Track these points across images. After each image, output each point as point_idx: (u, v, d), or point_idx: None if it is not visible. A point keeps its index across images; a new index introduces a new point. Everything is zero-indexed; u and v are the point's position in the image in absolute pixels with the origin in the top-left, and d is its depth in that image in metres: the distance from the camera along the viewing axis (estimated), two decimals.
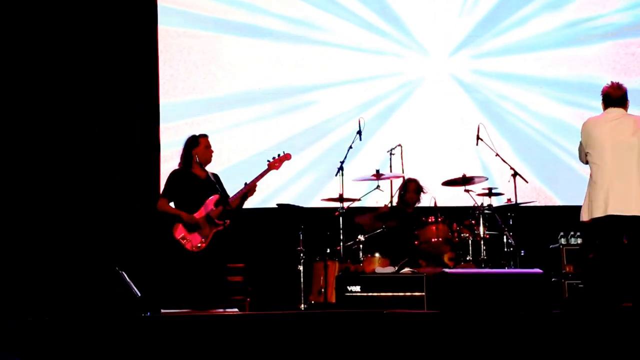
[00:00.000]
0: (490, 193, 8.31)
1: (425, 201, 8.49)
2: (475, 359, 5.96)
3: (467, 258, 8.05)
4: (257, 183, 7.31)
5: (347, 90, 9.46)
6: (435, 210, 8.20)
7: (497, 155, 8.25)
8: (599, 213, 6.24)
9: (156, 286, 7.42)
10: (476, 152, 8.98)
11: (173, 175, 7.44)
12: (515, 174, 8.18)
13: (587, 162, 6.46)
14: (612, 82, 6.55)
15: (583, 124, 6.49)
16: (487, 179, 8.38)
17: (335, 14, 9.45)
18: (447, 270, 6.96)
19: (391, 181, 8.26)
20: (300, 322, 6.13)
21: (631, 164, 6.26)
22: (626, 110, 6.48)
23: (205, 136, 7.54)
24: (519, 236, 8.14)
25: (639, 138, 6.29)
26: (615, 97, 6.47)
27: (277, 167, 7.37)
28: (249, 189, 7.29)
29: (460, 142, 9.27)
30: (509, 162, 8.31)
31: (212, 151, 7.51)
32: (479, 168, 9.10)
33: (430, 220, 8.13)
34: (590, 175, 6.40)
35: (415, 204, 8.49)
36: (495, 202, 8.39)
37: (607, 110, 6.49)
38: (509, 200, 8.29)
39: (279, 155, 7.40)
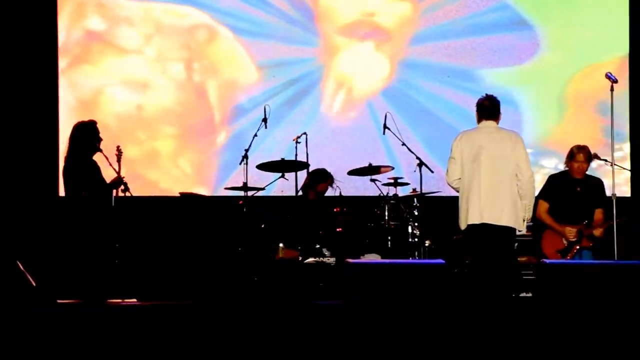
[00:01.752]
0: (396, 183, 8.41)
1: (330, 190, 8.52)
2: (376, 349, 6.24)
3: (372, 248, 8.17)
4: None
5: (254, 77, 9.54)
6: (340, 199, 8.31)
7: (403, 144, 8.37)
8: (474, 220, 6.60)
9: (53, 276, 7.56)
10: (383, 141, 9.07)
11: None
12: (421, 164, 8.29)
13: (456, 179, 6.72)
14: (486, 95, 6.80)
15: (456, 138, 6.75)
16: (393, 169, 8.47)
17: (245, 1, 9.58)
18: (350, 260, 7.07)
19: (296, 172, 8.27)
20: (194, 312, 6.39)
21: (504, 177, 6.58)
22: (498, 122, 6.77)
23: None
24: (424, 227, 8.29)
25: (513, 153, 6.60)
26: (489, 109, 6.74)
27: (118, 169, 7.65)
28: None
29: (366, 131, 9.42)
30: (415, 151, 8.40)
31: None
32: (385, 157, 9.18)
33: (335, 210, 8.25)
34: (464, 186, 6.67)
35: (323, 193, 8.54)
36: (401, 192, 8.51)
37: (481, 124, 6.76)
38: (414, 190, 8.42)
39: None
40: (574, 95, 9.70)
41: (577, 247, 7.69)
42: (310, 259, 7.75)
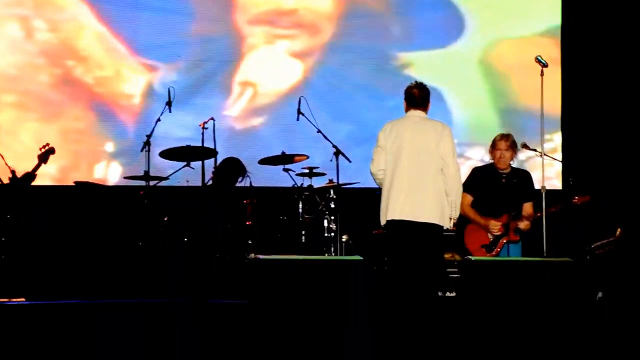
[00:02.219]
0: (311, 173, 8.33)
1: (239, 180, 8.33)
2: (284, 351, 6.13)
3: (284, 243, 8.07)
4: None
5: (159, 57, 9.36)
6: (250, 190, 8.14)
7: (318, 131, 8.23)
8: (395, 216, 6.57)
9: None
10: (297, 128, 8.92)
11: None
12: (337, 153, 8.17)
13: (381, 169, 6.69)
14: (415, 82, 6.79)
15: (383, 128, 6.73)
16: (307, 158, 8.36)
17: None
18: (260, 256, 6.86)
19: (202, 160, 8.05)
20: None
21: (428, 171, 6.60)
22: (426, 112, 6.76)
23: None
24: (341, 220, 8.19)
25: (438, 146, 6.59)
26: (417, 97, 6.73)
27: (45, 162, 7.56)
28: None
29: (279, 117, 9.33)
30: (331, 139, 8.28)
31: None
32: (299, 145, 9.03)
33: (245, 202, 8.06)
34: (387, 178, 6.68)
35: (232, 184, 8.34)
36: (317, 182, 8.42)
37: (409, 113, 6.76)
38: (330, 181, 8.31)
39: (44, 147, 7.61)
40: (503, 81, 9.73)
41: (504, 240, 7.59)
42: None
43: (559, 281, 6.65)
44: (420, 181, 6.58)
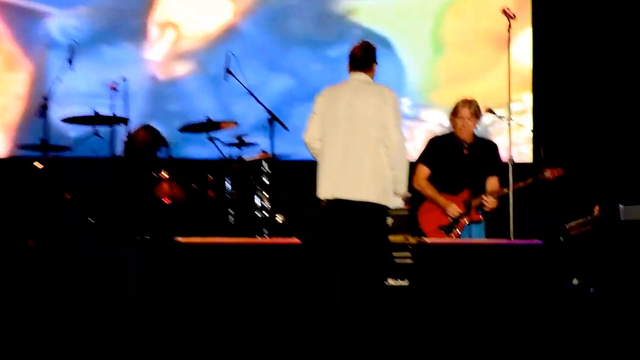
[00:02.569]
0: (241, 142, 8.33)
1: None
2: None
3: (209, 224, 8.01)
4: None
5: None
6: (170, 163, 8.12)
7: (249, 93, 8.15)
8: (327, 195, 6.57)
9: None
10: (224, 89, 8.97)
11: None
12: (272, 119, 8.14)
13: (316, 139, 6.73)
14: (360, 41, 6.78)
15: (320, 92, 6.77)
16: (237, 125, 8.35)
17: None
18: (180, 238, 6.94)
19: (112, 127, 8.04)
20: None
21: (366, 142, 6.55)
22: (372, 76, 6.74)
23: None
24: (276, 198, 8.18)
25: (378, 113, 6.56)
26: (360, 58, 6.72)
27: None
28: None
29: (204, 77, 9.39)
30: (266, 96, 8.29)
31: None
32: (228, 107, 9.16)
33: (162, 175, 8.03)
34: (322, 151, 6.71)
35: (151, 156, 8.30)
36: (248, 154, 8.40)
37: (350, 76, 6.76)
38: (264, 152, 8.30)
39: None
40: (465, 36, 9.77)
41: (466, 221, 7.66)
42: None
43: (528, 267, 6.66)
44: (357, 153, 6.54)
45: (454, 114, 7.75)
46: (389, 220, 6.88)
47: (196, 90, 9.34)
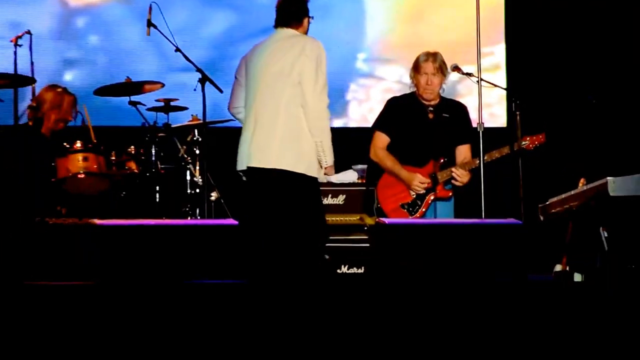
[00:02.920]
0: (168, 106, 8.35)
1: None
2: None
3: (132, 203, 8.10)
4: None
5: None
6: (84, 131, 8.11)
7: (177, 49, 7.95)
8: (241, 165, 6.73)
9: None
10: (147, 45, 9.00)
11: None
12: (204, 79, 7.93)
13: (238, 107, 6.93)
14: None
15: (246, 53, 6.92)
16: (163, 86, 8.32)
17: None
18: (95, 220, 6.97)
19: (15, 89, 7.75)
20: None
21: (279, 103, 6.63)
22: (303, 32, 6.77)
23: None
24: (211, 172, 8.22)
25: (293, 69, 6.58)
26: (284, 12, 6.77)
27: None
28: None
29: (121, 29, 9.37)
30: (195, 60, 8.09)
31: None
32: (151, 70, 9.12)
33: (76, 147, 7.97)
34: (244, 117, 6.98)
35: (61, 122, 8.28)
36: (176, 120, 8.51)
37: (274, 32, 6.85)
38: (194, 117, 8.33)
39: None
40: None
41: (431, 197, 7.57)
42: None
43: (504, 250, 6.67)
44: (268, 117, 6.61)
45: (415, 69, 7.66)
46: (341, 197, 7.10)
47: (113, 48, 9.34)
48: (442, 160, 7.61)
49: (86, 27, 9.47)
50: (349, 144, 8.95)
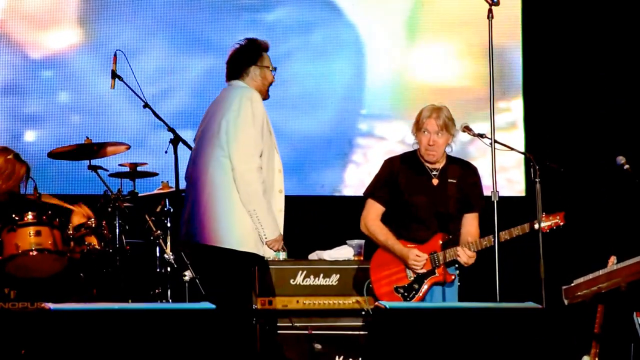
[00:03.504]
0: (134, 172, 8.42)
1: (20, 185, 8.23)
2: None
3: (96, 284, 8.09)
4: None
5: None
6: (35, 203, 8.07)
7: (146, 105, 8.03)
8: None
9: None
10: (112, 103, 9.08)
11: None
12: (176, 139, 7.96)
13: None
14: (238, 42, 7.05)
15: None
16: (128, 148, 8.35)
17: None
18: (50, 305, 6.62)
19: None
20: None
21: (206, 170, 6.82)
22: (251, 83, 6.94)
23: None
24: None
25: (222, 125, 6.77)
26: (229, 66, 7.02)
27: None
28: None
29: (84, 84, 9.41)
30: (169, 113, 8.31)
31: None
32: (115, 131, 9.16)
33: (27, 219, 7.94)
34: None
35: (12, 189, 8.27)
36: (144, 187, 8.59)
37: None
38: (165, 184, 8.48)
39: None
40: (440, 26, 9.91)
41: (432, 281, 7.56)
42: None
43: (523, 339, 6.55)
44: (198, 186, 6.80)
45: (417, 126, 7.60)
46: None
47: (70, 105, 9.43)
48: (446, 238, 7.56)
49: (44, 79, 9.59)
50: (343, 215, 8.98)
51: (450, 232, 7.61)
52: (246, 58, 6.87)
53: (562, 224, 7.57)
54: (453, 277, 7.58)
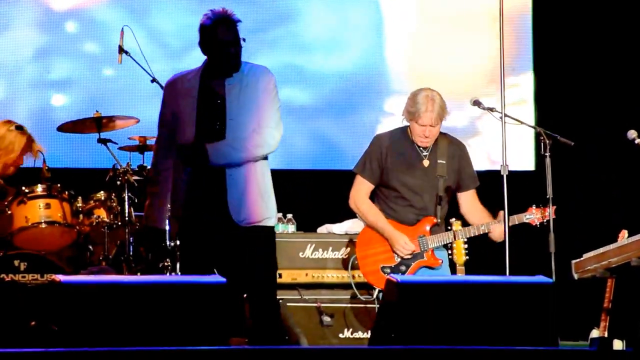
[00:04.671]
0: (143, 145, 8.38)
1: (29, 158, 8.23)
2: None
3: (103, 257, 8.16)
4: None
5: None
6: (43, 175, 8.09)
7: (154, 80, 8.13)
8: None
9: None
10: (120, 76, 9.16)
11: None
12: None
13: None
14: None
15: None
16: (138, 121, 8.37)
17: None
18: (62, 277, 6.72)
19: None
20: None
21: None
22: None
23: None
24: None
25: None
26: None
27: None
28: None
29: (91, 59, 9.52)
30: None
31: None
32: (123, 104, 9.14)
33: (36, 192, 7.98)
34: None
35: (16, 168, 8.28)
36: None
37: None
38: None
39: None
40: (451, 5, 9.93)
41: (419, 265, 7.53)
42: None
43: (532, 313, 6.49)
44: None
45: (411, 116, 7.52)
46: None
47: (79, 81, 9.47)
48: (434, 221, 7.52)
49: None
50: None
51: (439, 215, 7.56)
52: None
53: (553, 217, 7.36)
54: (440, 262, 7.54)
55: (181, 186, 6.73)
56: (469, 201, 7.60)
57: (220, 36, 6.53)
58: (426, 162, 7.57)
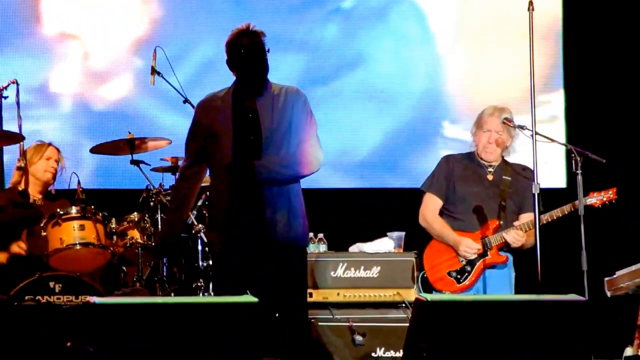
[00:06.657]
0: (175, 166, 8.39)
1: (64, 180, 8.27)
2: None
3: (137, 278, 8.14)
4: None
5: None
6: (80, 197, 8.06)
7: (186, 100, 8.21)
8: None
9: None
10: (153, 97, 9.28)
11: None
12: None
13: None
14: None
15: None
16: (170, 143, 8.40)
17: None
18: (95, 298, 6.70)
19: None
20: None
21: None
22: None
23: None
24: None
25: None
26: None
27: None
28: None
29: (122, 80, 9.57)
30: None
31: None
32: (156, 126, 9.26)
33: (71, 213, 7.92)
34: None
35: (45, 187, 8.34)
36: None
37: None
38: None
39: None
40: (480, 19, 9.98)
41: (483, 263, 7.63)
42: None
43: (565, 332, 6.48)
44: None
45: (478, 124, 7.74)
46: None
47: (111, 103, 9.57)
48: (497, 223, 7.63)
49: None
50: (385, 207, 9.02)
51: (502, 220, 7.68)
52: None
53: (615, 198, 7.50)
54: (505, 258, 7.64)
55: (222, 200, 6.70)
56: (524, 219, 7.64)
57: (243, 43, 6.52)
58: (490, 177, 7.74)
